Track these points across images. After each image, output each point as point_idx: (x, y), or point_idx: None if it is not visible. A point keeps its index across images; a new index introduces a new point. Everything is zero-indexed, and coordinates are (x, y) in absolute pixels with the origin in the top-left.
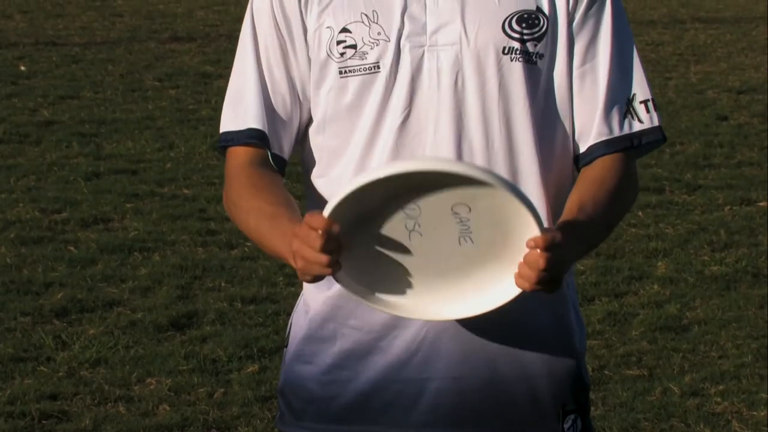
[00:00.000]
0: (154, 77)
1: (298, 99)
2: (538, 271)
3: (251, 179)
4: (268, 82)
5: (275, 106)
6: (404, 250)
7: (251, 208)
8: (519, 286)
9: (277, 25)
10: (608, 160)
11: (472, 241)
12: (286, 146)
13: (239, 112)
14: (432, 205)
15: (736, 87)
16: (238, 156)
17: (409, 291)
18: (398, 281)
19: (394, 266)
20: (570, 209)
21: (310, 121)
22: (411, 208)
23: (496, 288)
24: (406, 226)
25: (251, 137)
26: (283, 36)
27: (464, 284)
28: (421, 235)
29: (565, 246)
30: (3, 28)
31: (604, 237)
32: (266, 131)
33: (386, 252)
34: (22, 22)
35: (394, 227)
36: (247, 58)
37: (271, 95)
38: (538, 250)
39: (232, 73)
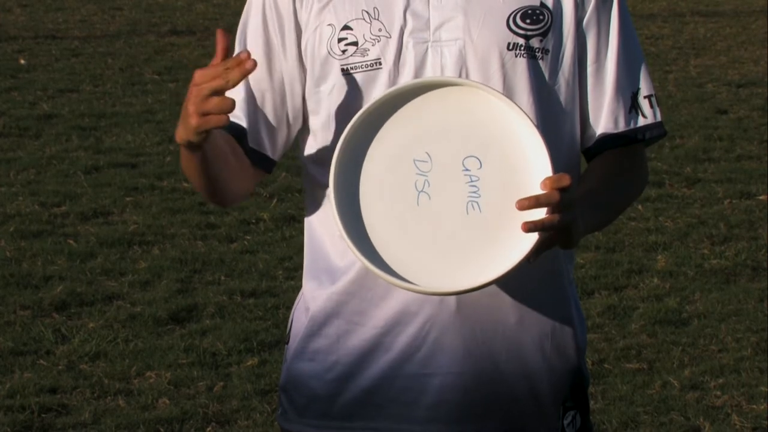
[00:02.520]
0: (154, 71)
1: (285, 98)
2: (555, 205)
3: None
4: (250, 78)
5: (258, 103)
6: (412, 214)
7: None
8: (530, 229)
9: (266, 21)
10: (616, 153)
11: (480, 209)
12: (267, 143)
13: None
14: (443, 157)
15: (735, 80)
16: None
17: (411, 260)
18: (403, 249)
19: (399, 233)
20: (581, 185)
21: (306, 119)
22: (422, 160)
23: (498, 257)
24: (416, 186)
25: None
26: (270, 33)
27: (468, 255)
28: (429, 197)
29: (577, 202)
30: (2, 22)
31: (611, 217)
32: (244, 126)
33: (394, 216)
34: (22, 15)
35: (403, 186)
36: (235, 51)
37: (253, 91)
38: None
39: None
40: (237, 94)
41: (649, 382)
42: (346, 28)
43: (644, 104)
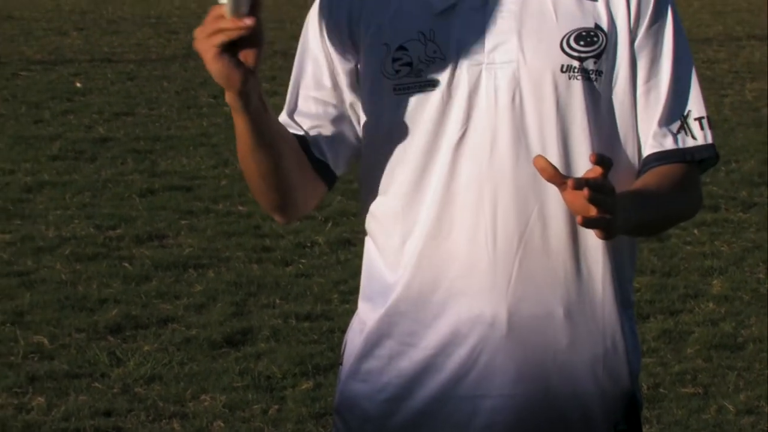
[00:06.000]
0: (209, 94)
1: (347, 113)
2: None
3: None
4: (314, 92)
5: (322, 117)
6: None
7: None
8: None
9: (323, 40)
10: (666, 167)
11: None
12: (329, 154)
13: (282, 114)
14: None
15: None
16: None
17: None
18: None
19: None
20: (633, 185)
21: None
22: None
23: None
24: None
25: None
26: (328, 51)
27: None
28: None
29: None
30: (59, 45)
31: (659, 225)
32: (303, 134)
33: None
34: (78, 39)
35: None
36: (295, 68)
37: (317, 105)
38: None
39: None
40: (304, 107)
41: (705, 406)
42: (401, 48)
43: (694, 126)
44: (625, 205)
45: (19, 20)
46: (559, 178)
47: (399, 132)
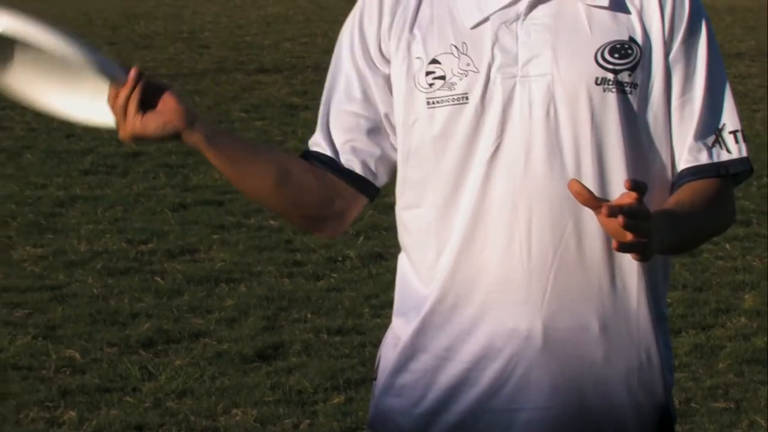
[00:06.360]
0: (241, 108)
1: (381, 125)
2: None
3: None
4: (348, 105)
5: (355, 130)
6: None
7: None
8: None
9: (354, 54)
10: (700, 182)
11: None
12: (361, 166)
13: (315, 133)
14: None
15: None
16: None
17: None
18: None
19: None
20: (667, 203)
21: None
22: None
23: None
24: None
25: (311, 156)
26: (360, 65)
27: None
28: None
29: (655, 215)
30: None
31: (693, 242)
32: (331, 155)
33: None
34: (110, 53)
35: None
36: (327, 82)
37: (349, 118)
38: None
39: None
40: (336, 120)
41: (736, 421)
42: (434, 61)
43: (729, 139)
44: (660, 226)
45: None
46: (595, 201)
47: (432, 145)
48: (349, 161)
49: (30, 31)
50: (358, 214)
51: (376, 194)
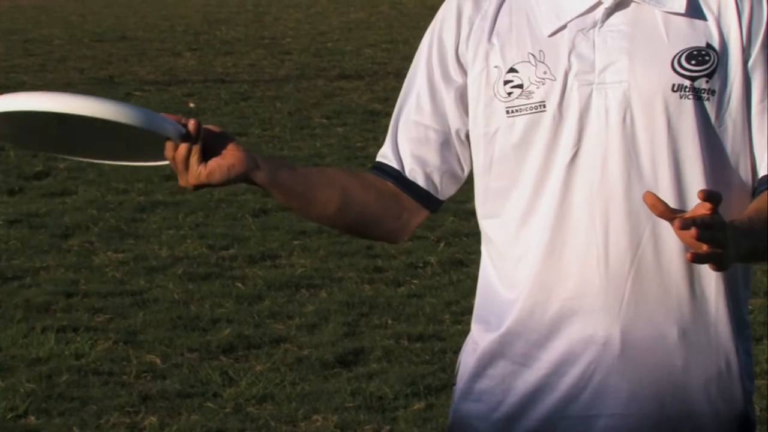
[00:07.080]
0: (322, 115)
1: (450, 137)
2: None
3: None
4: (413, 118)
5: (422, 142)
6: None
7: None
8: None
9: (431, 64)
10: None
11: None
12: (425, 181)
13: (384, 144)
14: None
15: None
16: None
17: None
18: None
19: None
20: (746, 212)
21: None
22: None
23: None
24: None
25: (377, 169)
26: (434, 75)
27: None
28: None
29: (730, 224)
30: (173, 66)
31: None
32: (397, 167)
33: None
34: (192, 59)
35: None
36: (401, 93)
37: (417, 130)
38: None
39: None
40: (405, 130)
41: None
42: (512, 70)
43: None
44: (736, 235)
45: (133, 40)
46: (670, 213)
47: (514, 154)
48: (413, 173)
49: (78, 106)
50: (420, 224)
51: (438, 207)
